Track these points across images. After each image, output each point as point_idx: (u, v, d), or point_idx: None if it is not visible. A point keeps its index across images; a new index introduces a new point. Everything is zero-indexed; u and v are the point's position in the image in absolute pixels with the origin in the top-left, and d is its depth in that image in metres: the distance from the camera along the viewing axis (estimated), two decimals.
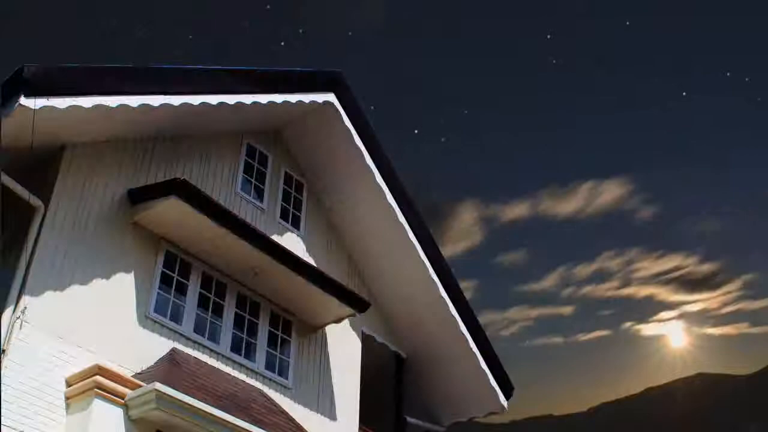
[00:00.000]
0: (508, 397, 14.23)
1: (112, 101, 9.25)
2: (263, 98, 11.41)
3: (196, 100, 10.34)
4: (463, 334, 13.70)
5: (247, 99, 11.14)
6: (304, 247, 12.90)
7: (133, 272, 9.89)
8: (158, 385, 8.19)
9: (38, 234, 8.96)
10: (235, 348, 10.94)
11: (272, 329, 11.70)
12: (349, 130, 12.83)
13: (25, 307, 8.44)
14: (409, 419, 14.32)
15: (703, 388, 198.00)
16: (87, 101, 8.97)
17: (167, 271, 10.37)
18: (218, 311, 10.90)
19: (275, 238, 11.93)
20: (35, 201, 9.01)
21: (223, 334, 10.80)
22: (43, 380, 8.31)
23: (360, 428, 12.73)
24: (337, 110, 12.75)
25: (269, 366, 11.37)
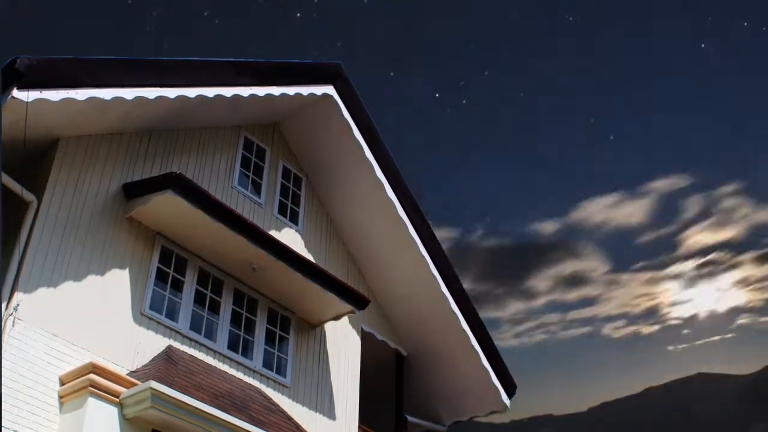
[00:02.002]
0: (510, 395, 14.16)
1: (106, 94, 9.19)
2: (261, 91, 11.34)
3: (192, 92, 10.27)
4: (464, 331, 13.62)
5: (245, 91, 11.06)
6: (302, 243, 12.82)
7: (128, 268, 9.80)
8: (154, 384, 8.09)
9: (31, 229, 8.88)
10: (233, 346, 10.85)
11: (270, 326, 11.59)
12: (348, 124, 12.72)
13: (18, 304, 8.33)
14: (410, 418, 14.23)
15: (703, 388, 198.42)
16: (81, 94, 8.91)
17: (163, 267, 10.27)
18: (215, 308, 10.81)
19: (273, 233, 11.90)
20: (28, 195, 8.92)
21: (220, 332, 10.70)
22: (37, 378, 8.22)
23: (360, 427, 12.65)
24: (336, 103, 12.65)
25: (267, 364, 11.27)
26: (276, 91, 11.57)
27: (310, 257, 12.49)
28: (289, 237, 12.49)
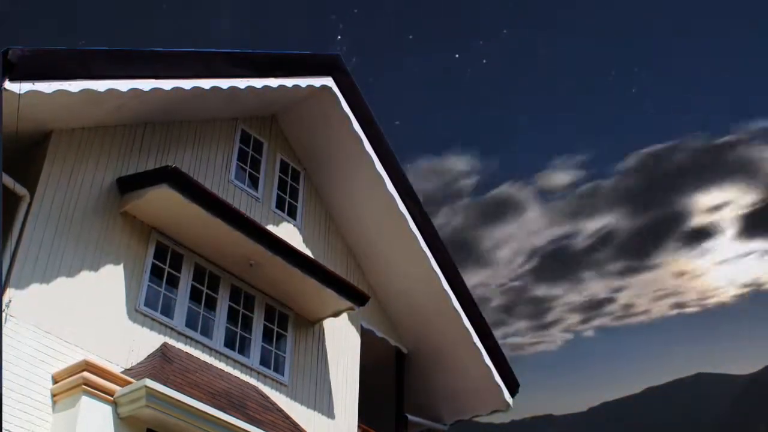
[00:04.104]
0: (513, 394, 14.08)
1: (100, 86, 9.10)
2: (258, 82, 11.24)
3: (188, 84, 10.19)
4: (466, 328, 13.51)
5: (241, 83, 10.98)
6: (300, 238, 12.73)
7: (122, 264, 9.70)
8: (149, 382, 8.02)
9: (23, 224, 8.80)
10: (229, 343, 10.75)
11: (267, 323, 11.50)
12: (347, 116, 12.61)
13: (10, 300, 8.22)
14: (410, 417, 14.12)
15: (703, 388, 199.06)
16: (74, 86, 8.81)
17: (158, 263, 10.18)
18: (211, 305, 10.72)
19: (270, 228, 11.76)
20: (20, 189, 8.83)
21: (216, 329, 10.61)
22: (29, 377, 8.14)
23: (359, 426, 12.54)
24: (334, 95, 12.54)
25: (264, 362, 11.17)
26: (274, 82, 11.48)
27: (308, 253, 12.35)
28: (287, 232, 12.37)
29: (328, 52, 12.60)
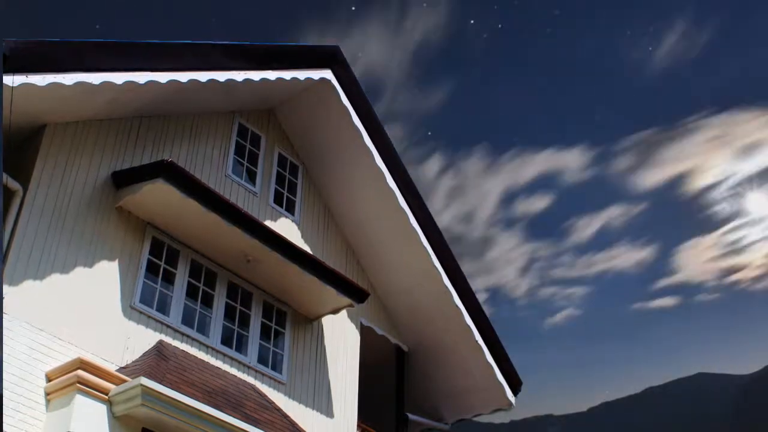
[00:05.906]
0: (515, 392, 14.02)
1: (95, 78, 9.02)
2: (255, 75, 11.16)
3: (184, 77, 10.10)
4: (468, 325, 13.40)
5: (239, 76, 10.89)
6: (299, 234, 12.66)
7: (117, 260, 9.63)
8: (144, 380, 7.96)
9: (17, 219, 8.74)
10: (226, 340, 10.69)
11: (265, 321, 11.43)
12: (346, 109, 12.51)
13: (3, 297, 8.04)
14: (411, 416, 14.03)
15: (703, 388, 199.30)
16: (69, 78, 8.74)
17: (154, 259, 10.12)
18: (208, 301, 10.66)
19: (268, 223, 11.72)
20: (13, 184, 8.77)
21: (213, 326, 10.54)
22: (22, 375, 8.08)
23: (358, 426, 12.47)
24: (333, 88, 12.45)
25: (262, 360, 11.11)
26: (271, 75, 11.40)
27: (306, 248, 12.30)
28: (285, 227, 12.30)
29: (327, 45, 12.52)
